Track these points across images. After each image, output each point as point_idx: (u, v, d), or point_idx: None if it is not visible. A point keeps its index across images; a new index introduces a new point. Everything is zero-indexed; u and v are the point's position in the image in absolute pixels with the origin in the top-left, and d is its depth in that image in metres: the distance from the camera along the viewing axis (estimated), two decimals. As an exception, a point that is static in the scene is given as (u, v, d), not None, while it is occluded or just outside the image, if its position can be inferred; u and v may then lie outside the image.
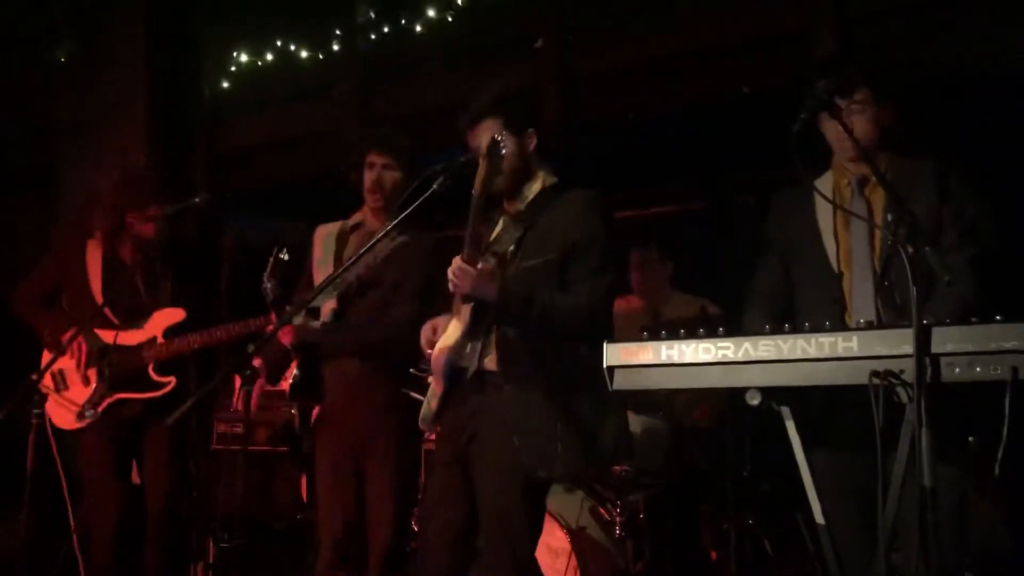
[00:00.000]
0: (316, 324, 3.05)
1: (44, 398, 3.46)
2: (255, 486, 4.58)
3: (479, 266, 2.44)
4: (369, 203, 3.17)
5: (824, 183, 2.52)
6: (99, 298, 3.47)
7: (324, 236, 3.24)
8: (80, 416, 3.42)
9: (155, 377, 3.46)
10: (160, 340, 3.46)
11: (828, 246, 2.45)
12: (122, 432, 3.48)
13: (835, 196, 2.47)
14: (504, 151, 2.52)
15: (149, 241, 3.51)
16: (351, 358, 3.06)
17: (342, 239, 3.21)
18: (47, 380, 3.48)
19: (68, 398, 3.46)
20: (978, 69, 3.86)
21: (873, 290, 2.35)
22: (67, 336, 3.37)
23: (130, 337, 3.48)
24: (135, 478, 3.64)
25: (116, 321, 3.49)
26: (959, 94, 3.77)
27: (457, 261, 2.44)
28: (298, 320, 3.00)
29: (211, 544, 4.26)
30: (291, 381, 3.09)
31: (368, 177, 3.14)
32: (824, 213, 2.48)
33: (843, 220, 2.45)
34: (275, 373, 3.39)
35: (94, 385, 3.45)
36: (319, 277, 3.13)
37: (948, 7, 3.88)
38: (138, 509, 3.51)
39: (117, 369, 3.43)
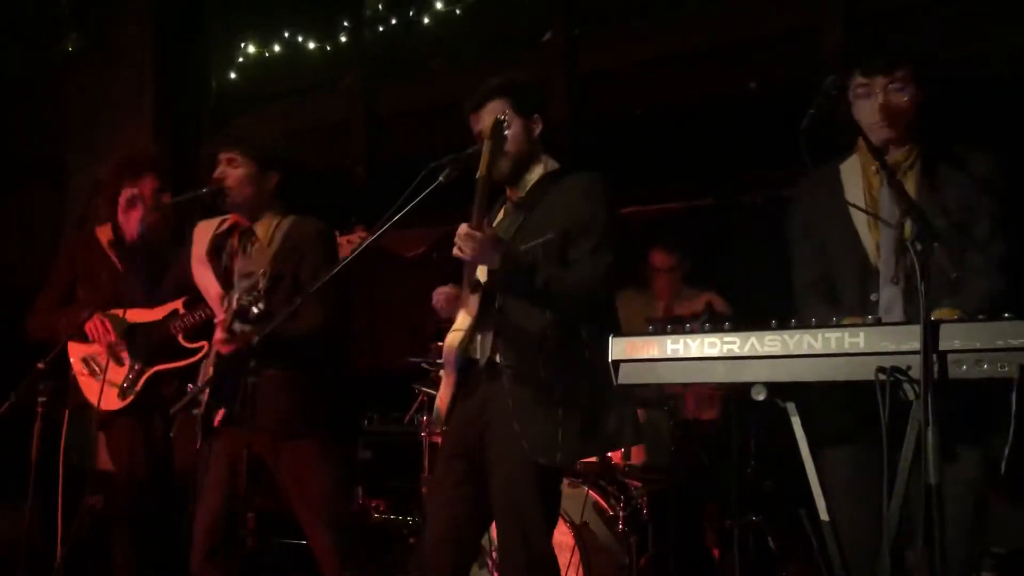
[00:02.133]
0: (246, 328, 2.86)
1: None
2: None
3: (485, 231, 2.37)
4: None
5: (851, 167, 2.41)
6: (119, 266, 3.52)
7: (203, 232, 3.12)
8: (123, 393, 3.45)
9: (186, 344, 3.47)
10: (182, 310, 3.47)
11: (866, 241, 2.32)
12: (155, 418, 3.49)
13: (863, 181, 2.37)
14: (508, 131, 2.50)
15: (149, 218, 3.54)
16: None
17: (216, 240, 3.09)
18: (79, 367, 3.51)
19: (107, 380, 3.46)
20: (988, 68, 3.84)
21: (901, 290, 2.24)
22: (88, 322, 3.41)
23: (151, 313, 3.50)
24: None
25: (139, 291, 3.51)
26: (969, 93, 3.74)
27: (464, 227, 2.37)
28: (239, 328, 2.85)
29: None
30: (209, 387, 2.89)
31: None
32: (854, 200, 2.34)
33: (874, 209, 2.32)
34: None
35: (128, 363, 3.48)
36: (198, 274, 3.08)
37: (958, 5, 3.86)
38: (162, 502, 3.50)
39: (148, 343, 3.46)
